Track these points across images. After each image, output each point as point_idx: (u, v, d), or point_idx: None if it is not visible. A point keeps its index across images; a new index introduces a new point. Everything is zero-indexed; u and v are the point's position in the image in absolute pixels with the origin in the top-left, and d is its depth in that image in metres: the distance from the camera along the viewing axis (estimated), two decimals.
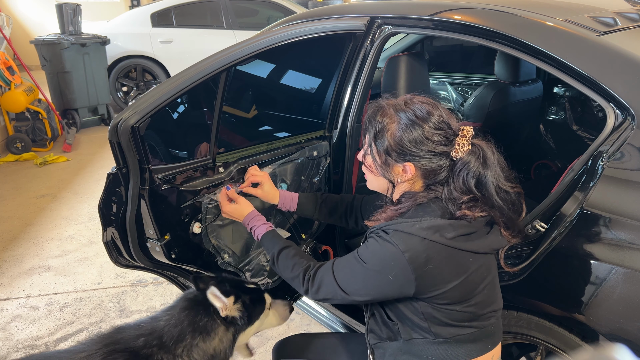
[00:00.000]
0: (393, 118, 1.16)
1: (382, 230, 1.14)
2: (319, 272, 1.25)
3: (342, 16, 1.90)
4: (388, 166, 1.19)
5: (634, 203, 1.20)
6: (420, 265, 1.07)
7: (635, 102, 1.25)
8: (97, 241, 3.29)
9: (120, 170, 1.33)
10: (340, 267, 1.21)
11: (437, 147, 1.13)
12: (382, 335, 1.25)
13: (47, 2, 9.99)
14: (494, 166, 1.12)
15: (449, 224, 1.10)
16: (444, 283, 1.10)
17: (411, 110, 1.15)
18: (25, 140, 5.10)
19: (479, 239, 1.12)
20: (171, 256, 1.45)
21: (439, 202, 1.15)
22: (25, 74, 5.65)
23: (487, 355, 1.20)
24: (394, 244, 1.09)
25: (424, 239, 1.07)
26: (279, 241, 1.38)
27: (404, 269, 1.08)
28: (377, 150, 1.19)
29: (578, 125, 2.81)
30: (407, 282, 1.09)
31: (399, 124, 1.15)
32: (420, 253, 1.07)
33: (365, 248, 1.17)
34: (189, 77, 1.37)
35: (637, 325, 1.20)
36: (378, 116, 1.19)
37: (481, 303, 1.16)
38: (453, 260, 1.10)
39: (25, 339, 2.35)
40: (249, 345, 1.56)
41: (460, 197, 1.12)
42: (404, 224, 1.11)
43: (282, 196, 1.60)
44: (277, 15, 6.74)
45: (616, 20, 1.60)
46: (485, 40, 1.54)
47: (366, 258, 1.14)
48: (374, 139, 1.19)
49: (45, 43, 5.38)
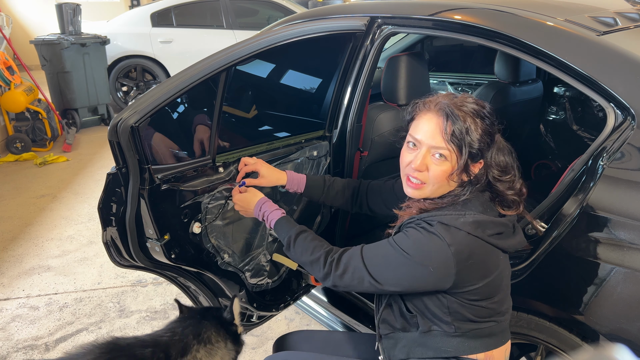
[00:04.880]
0: (472, 118, 1.12)
1: (424, 221, 1.12)
2: (344, 256, 1.20)
3: (342, 16, 1.90)
4: (467, 168, 1.15)
5: (634, 203, 1.20)
6: (463, 260, 1.07)
7: (635, 102, 1.25)
8: (97, 241, 3.29)
9: (119, 170, 1.33)
10: (373, 254, 1.17)
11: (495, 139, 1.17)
12: (396, 326, 1.25)
13: (47, 2, 9.99)
14: (509, 149, 1.21)
15: (491, 221, 1.12)
16: (478, 279, 1.11)
17: (478, 104, 1.15)
18: (25, 140, 5.09)
19: (509, 237, 1.15)
20: (171, 256, 1.45)
21: (482, 197, 1.17)
22: (25, 74, 5.65)
23: (502, 348, 1.22)
24: (440, 236, 1.07)
25: (468, 234, 1.08)
26: (295, 225, 1.35)
27: (447, 262, 1.07)
28: (460, 153, 1.12)
29: (578, 125, 2.81)
30: (447, 276, 1.09)
31: (482, 124, 1.13)
32: (464, 247, 1.07)
33: (406, 238, 1.13)
34: (188, 77, 1.37)
35: (637, 325, 1.20)
36: (459, 116, 1.11)
37: (501, 300, 1.18)
38: (489, 256, 1.12)
39: (25, 339, 2.35)
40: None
41: (502, 173, 1.17)
42: (448, 217, 1.10)
43: (290, 177, 1.60)
44: (277, 15, 6.74)
45: (616, 20, 1.59)
46: (486, 40, 1.54)
47: (407, 248, 1.11)
48: (462, 142, 1.11)
49: (45, 43, 5.38)
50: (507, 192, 1.18)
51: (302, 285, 1.95)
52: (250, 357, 2.21)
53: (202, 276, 1.65)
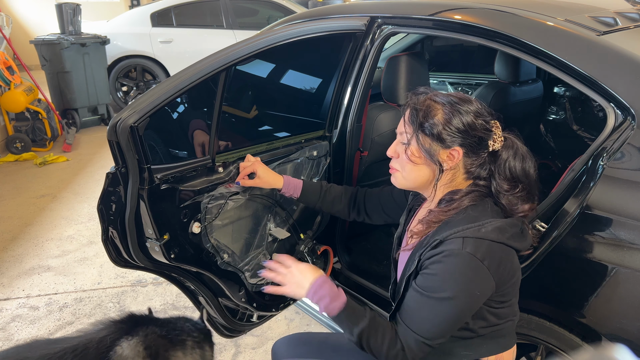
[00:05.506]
0: (438, 104, 1.16)
1: (444, 246, 1.06)
2: (398, 343, 1.09)
3: (342, 16, 1.90)
4: (434, 152, 1.15)
5: (634, 203, 1.20)
6: (496, 268, 1.06)
7: (635, 102, 1.24)
8: (97, 241, 3.29)
9: (119, 170, 1.33)
10: (417, 319, 1.08)
11: (482, 132, 1.14)
12: None
13: (47, 2, 10.00)
14: (529, 156, 1.16)
15: (506, 223, 1.10)
16: (507, 281, 1.10)
17: (455, 96, 1.16)
18: (25, 140, 5.09)
19: (521, 238, 1.14)
20: (170, 256, 1.45)
21: (488, 201, 1.15)
22: (25, 74, 5.65)
23: (511, 350, 1.22)
24: (469, 254, 1.03)
25: (492, 242, 1.06)
26: (359, 318, 1.14)
27: (486, 278, 1.05)
28: (424, 135, 1.15)
29: (578, 125, 2.81)
30: (490, 289, 1.07)
31: (444, 108, 1.15)
32: (494, 256, 1.06)
33: (436, 278, 1.06)
34: (188, 76, 1.37)
35: (637, 325, 1.20)
36: (421, 103, 1.17)
37: (516, 300, 1.19)
38: (512, 258, 1.11)
39: (25, 339, 2.35)
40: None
41: (510, 188, 1.13)
42: (469, 230, 1.06)
43: (287, 181, 1.59)
44: (277, 15, 6.74)
45: (616, 20, 1.59)
46: (486, 40, 1.54)
47: (446, 288, 1.04)
48: (420, 125, 1.16)
49: (45, 43, 5.38)
50: (512, 208, 1.14)
51: None
52: (250, 357, 2.21)
53: (201, 276, 1.65)
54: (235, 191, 1.59)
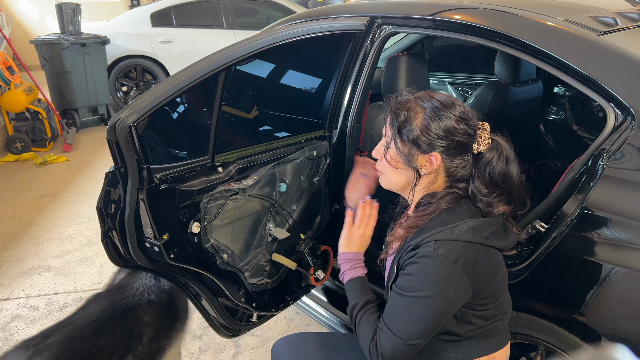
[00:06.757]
0: (418, 108, 1.16)
1: (419, 249, 1.09)
2: (377, 341, 1.13)
3: (342, 16, 1.90)
4: (412, 157, 1.17)
5: (634, 203, 1.20)
6: (471, 269, 1.06)
7: (635, 101, 1.24)
8: (97, 241, 3.29)
9: (118, 169, 1.33)
10: (393, 317, 1.11)
11: (463, 137, 1.13)
12: None
13: (47, 2, 10.00)
14: (515, 160, 1.16)
15: (482, 222, 1.10)
16: (487, 282, 1.10)
17: (436, 100, 1.16)
18: (25, 140, 5.10)
19: (503, 237, 1.14)
20: (169, 256, 1.45)
21: (464, 203, 1.15)
22: (25, 74, 5.65)
23: (503, 350, 1.22)
24: (443, 255, 1.04)
25: (467, 242, 1.06)
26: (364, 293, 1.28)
27: (460, 279, 1.05)
28: (402, 140, 1.17)
29: (578, 125, 2.81)
30: (466, 292, 1.07)
31: (424, 113, 1.14)
32: (469, 257, 1.06)
33: (411, 277, 1.09)
34: (187, 76, 1.37)
35: (637, 325, 1.20)
36: (402, 107, 1.18)
37: (504, 299, 1.18)
38: (491, 258, 1.11)
39: (25, 339, 2.35)
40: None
41: (488, 193, 1.13)
42: (442, 233, 1.07)
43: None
44: (277, 15, 6.75)
45: (616, 20, 1.59)
46: (486, 40, 1.54)
47: (419, 287, 1.06)
48: (399, 129, 1.17)
49: (45, 43, 5.38)
50: (488, 209, 1.14)
51: (301, 285, 1.95)
52: (250, 357, 2.21)
53: (201, 276, 1.65)
54: (235, 191, 1.59)
